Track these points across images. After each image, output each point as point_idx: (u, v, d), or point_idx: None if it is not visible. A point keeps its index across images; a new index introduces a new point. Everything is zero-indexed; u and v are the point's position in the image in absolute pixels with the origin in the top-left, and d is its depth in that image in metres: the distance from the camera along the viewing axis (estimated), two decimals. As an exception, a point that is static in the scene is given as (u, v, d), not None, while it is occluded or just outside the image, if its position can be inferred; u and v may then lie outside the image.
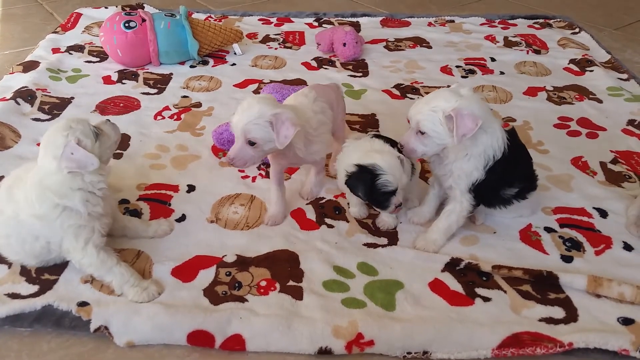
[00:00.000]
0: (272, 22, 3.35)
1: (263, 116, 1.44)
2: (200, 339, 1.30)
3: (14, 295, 1.40)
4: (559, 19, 3.43)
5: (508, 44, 3.07)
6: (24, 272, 1.47)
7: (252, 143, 1.47)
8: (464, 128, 1.41)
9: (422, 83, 2.59)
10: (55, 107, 2.29)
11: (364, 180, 1.54)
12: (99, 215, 1.43)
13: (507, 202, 1.62)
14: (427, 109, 1.47)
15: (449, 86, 1.57)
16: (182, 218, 1.70)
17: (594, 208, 1.77)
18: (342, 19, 3.42)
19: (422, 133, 1.49)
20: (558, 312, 1.39)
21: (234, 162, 1.49)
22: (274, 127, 1.44)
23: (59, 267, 1.48)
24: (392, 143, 1.63)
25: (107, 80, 2.56)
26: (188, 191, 1.82)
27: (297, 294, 1.43)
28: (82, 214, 1.38)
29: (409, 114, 1.53)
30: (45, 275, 1.46)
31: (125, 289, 1.39)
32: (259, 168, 1.92)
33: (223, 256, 1.55)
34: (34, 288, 1.42)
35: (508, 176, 1.56)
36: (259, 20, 3.38)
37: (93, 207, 1.41)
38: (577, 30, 3.25)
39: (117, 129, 1.55)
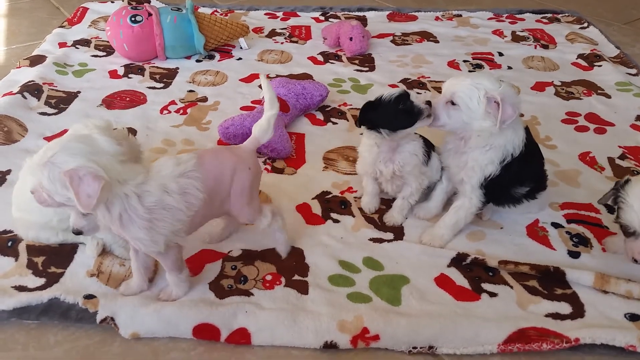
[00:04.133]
0: (279, 17, 3.34)
1: (54, 170, 1.11)
2: (205, 332, 1.31)
3: (21, 288, 1.41)
4: (567, 14, 3.40)
5: (516, 38, 3.05)
6: (31, 264, 1.48)
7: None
8: (506, 114, 1.41)
9: (429, 78, 2.58)
10: (61, 101, 2.29)
11: (371, 105, 1.52)
12: None
13: (516, 201, 1.61)
14: (470, 82, 1.45)
15: None
16: (188, 212, 1.70)
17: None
18: (348, 13, 3.41)
19: (453, 104, 1.47)
20: (565, 308, 1.39)
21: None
22: (71, 186, 1.09)
23: (65, 261, 1.49)
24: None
25: (113, 74, 2.56)
26: (194, 185, 1.82)
27: (303, 288, 1.43)
28: None
29: (445, 84, 1.51)
30: (51, 268, 1.47)
31: (113, 247, 1.52)
32: (265, 162, 1.92)
33: (229, 251, 1.55)
34: (41, 281, 1.43)
35: (521, 175, 1.55)
36: (265, 14, 3.37)
37: None
38: (585, 24, 3.23)
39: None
